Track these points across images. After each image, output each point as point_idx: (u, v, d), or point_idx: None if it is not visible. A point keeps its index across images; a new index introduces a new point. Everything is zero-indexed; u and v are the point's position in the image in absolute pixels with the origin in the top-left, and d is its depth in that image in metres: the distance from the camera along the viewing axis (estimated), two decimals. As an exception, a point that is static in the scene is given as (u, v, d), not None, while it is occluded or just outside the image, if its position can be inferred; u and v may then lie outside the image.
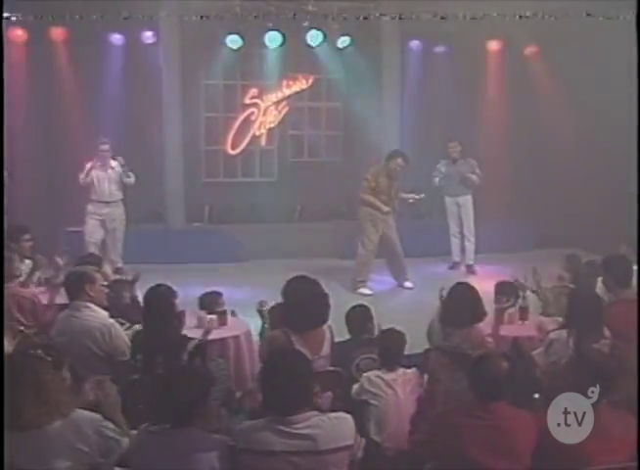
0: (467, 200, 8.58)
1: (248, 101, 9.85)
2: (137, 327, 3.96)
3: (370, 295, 7.49)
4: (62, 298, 5.15)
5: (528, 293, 5.23)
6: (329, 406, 3.43)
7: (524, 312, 4.87)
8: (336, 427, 2.76)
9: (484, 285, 5.40)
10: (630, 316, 4.23)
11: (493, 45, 9.86)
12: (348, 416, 2.86)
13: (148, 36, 9.13)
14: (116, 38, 9.10)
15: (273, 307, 4.65)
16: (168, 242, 9.29)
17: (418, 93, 9.84)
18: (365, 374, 3.97)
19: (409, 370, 4.01)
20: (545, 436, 2.82)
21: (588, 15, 7.93)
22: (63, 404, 2.68)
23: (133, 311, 4.28)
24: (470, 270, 8.49)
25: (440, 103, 9.74)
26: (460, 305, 4.22)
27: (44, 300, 4.96)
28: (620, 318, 4.17)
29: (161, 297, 3.88)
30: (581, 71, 8.86)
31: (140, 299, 4.20)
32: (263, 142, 10.03)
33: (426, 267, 8.57)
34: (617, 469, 2.94)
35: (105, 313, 4.07)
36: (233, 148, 9.93)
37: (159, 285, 3.99)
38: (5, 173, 7.28)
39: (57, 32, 8.89)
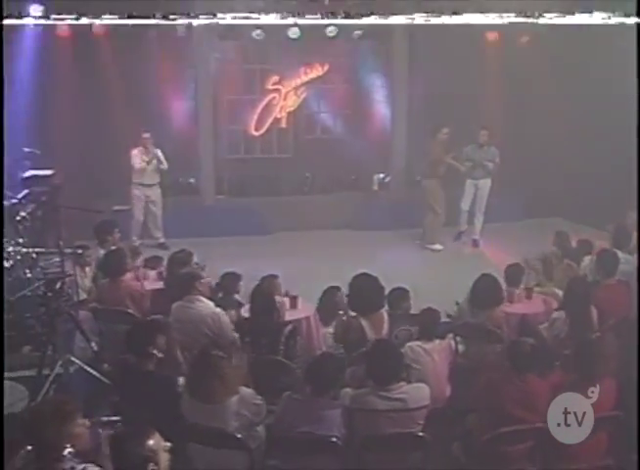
0: (486, 183, 9.68)
1: (270, 87, 10.83)
2: (244, 315, 5.14)
3: (441, 250, 9.44)
4: (151, 284, 6.33)
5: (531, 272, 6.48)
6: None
7: (529, 292, 6.09)
8: (417, 392, 4.01)
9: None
10: (613, 297, 5.54)
11: (491, 36, 10.82)
12: (424, 385, 4.10)
13: (181, 31, 9.95)
14: (152, 33, 9.90)
15: (325, 291, 5.84)
16: (200, 216, 10.35)
17: (423, 78, 10.84)
18: (408, 344, 5.07)
19: (443, 340, 5.20)
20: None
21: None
22: (235, 386, 3.89)
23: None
24: (475, 244, 9.79)
25: (442, 88, 10.74)
26: (485, 292, 5.44)
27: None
28: (606, 300, 5.45)
29: (264, 292, 5.06)
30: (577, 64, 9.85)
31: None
32: (284, 124, 11.02)
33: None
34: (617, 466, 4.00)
35: (211, 303, 5.23)
36: (257, 129, 10.94)
37: (262, 281, 5.14)
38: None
39: (99, 27, 9.68)
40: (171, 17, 9.15)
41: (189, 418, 3.95)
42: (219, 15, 9.32)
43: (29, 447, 2.97)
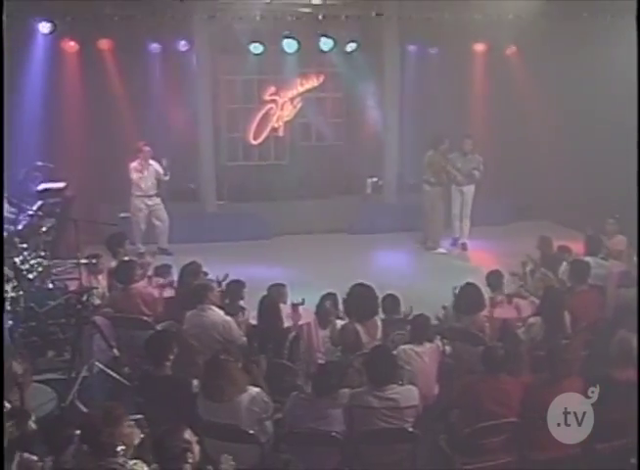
0: (470, 189, 10.23)
1: (267, 97, 11.35)
2: (252, 322, 5.69)
3: (446, 253, 10.02)
4: (163, 291, 6.86)
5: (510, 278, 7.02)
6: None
7: (510, 298, 6.63)
8: (408, 393, 4.56)
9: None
10: (585, 303, 6.11)
11: (479, 47, 11.36)
12: (414, 387, 4.65)
13: (183, 44, 10.47)
14: (155, 47, 10.43)
15: (323, 296, 6.38)
16: (201, 222, 10.85)
17: (415, 88, 11.39)
18: (401, 347, 5.61)
19: (432, 344, 5.74)
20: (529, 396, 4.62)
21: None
22: (243, 385, 4.44)
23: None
24: (464, 247, 10.34)
25: (433, 96, 11.30)
26: (468, 299, 6.00)
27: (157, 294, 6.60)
28: (578, 306, 6.02)
29: (272, 302, 5.61)
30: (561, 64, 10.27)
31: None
32: (281, 133, 11.54)
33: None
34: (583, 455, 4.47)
35: (222, 312, 5.77)
36: (255, 138, 11.46)
37: (269, 293, 5.69)
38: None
39: (104, 42, 10.18)
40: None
41: (204, 417, 4.49)
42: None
43: (85, 447, 3.50)
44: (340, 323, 5.78)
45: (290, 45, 10.43)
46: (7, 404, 4.16)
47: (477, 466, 4.63)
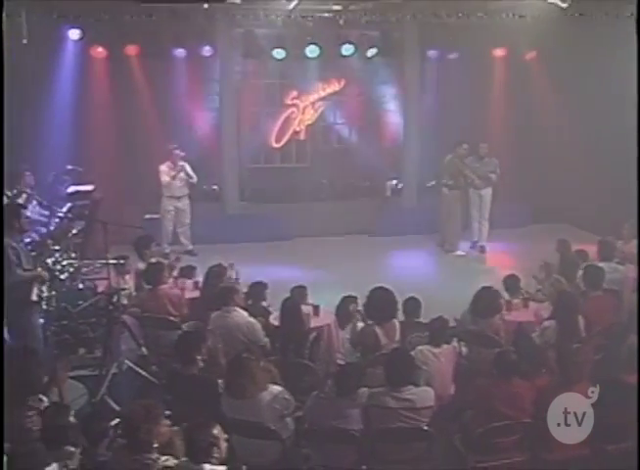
0: (487, 192, 10.40)
1: (289, 101, 11.58)
2: (274, 323, 5.92)
3: (464, 255, 10.21)
4: (188, 292, 7.11)
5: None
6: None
7: (526, 302, 6.80)
8: (424, 394, 4.75)
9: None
10: (599, 308, 6.25)
11: (498, 52, 11.49)
12: (430, 389, 4.84)
13: (207, 50, 10.73)
14: (180, 52, 10.70)
15: (343, 299, 6.58)
16: (223, 223, 11.12)
17: (434, 93, 11.56)
18: (419, 347, 5.78)
19: (449, 346, 5.92)
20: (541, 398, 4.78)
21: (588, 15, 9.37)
22: (264, 383, 4.66)
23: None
24: (482, 250, 10.50)
25: (453, 101, 11.45)
26: (485, 302, 6.16)
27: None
28: (592, 311, 6.17)
29: (294, 304, 5.84)
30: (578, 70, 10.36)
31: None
32: (302, 136, 11.77)
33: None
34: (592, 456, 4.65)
35: (246, 313, 6.00)
36: (277, 142, 11.70)
37: (291, 295, 5.92)
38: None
39: (131, 48, 10.47)
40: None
41: (228, 414, 4.71)
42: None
43: (121, 441, 3.76)
44: (359, 325, 5.97)
45: (312, 50, 10.67)
46: (44, 399, 4.43)
47: (490, 464, 4.80)
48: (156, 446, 3.66)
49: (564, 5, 7.07)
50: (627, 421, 4.76)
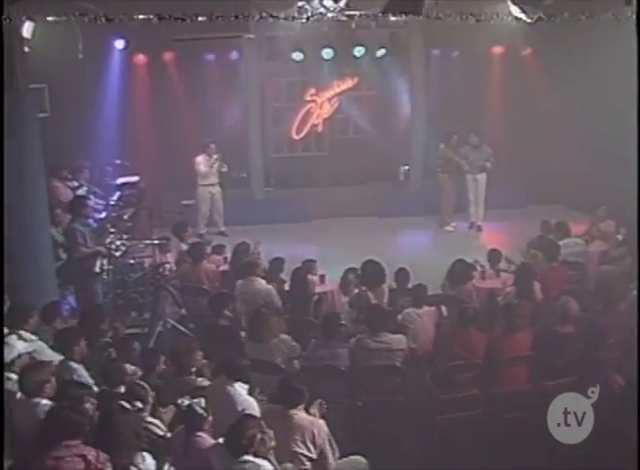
0: (483, 177, 11.72)
1: (308, 98, 12.97)
2: (287, 288, 7.40)
3: (452, 231, 11.71)
4: (220, 266, 8.60)
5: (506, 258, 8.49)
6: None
7: (498, 272, 8.12)
8: (397, 340, 6.16)
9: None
10: (556, 276, 7.56)
11: (497, 49, 12.65)
12: (402, 336, 6.24)
13: (234, 54, 12.16)
14: (211, 57, 12.15)
15: (346, 270, 7.97)
16: (251, 207, 12.60)
17: (439, 88, 12.81)
18: (405, 310, 7.17)
19: (431, 308, 7.25)
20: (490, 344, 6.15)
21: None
22: (277, 332, 6.13)
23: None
24: (479, 229, 11.82)
25: (455, 95, 12.63)
26: (458, 272, 7.52)
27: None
28: (550, 278, 7.47)
29: (301, 273, 7.29)
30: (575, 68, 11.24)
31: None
32: (320, 128, 13.14)
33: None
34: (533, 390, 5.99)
35: (264, 281, 7.46)
36: (297, 134, 13.10)
37: (303, 264, 7.41)
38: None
39: (168, 55, 11.94)
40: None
41: (250, 355, 6.15)
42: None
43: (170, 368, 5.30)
44: (355, 291, 7.39)
45: (327, 53, 11.94)
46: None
47: (451, 396, 6.17)
48: (193, 370, 5.16)
49: (529, 20, 8.09)
50: (562, 362, 6.10)
